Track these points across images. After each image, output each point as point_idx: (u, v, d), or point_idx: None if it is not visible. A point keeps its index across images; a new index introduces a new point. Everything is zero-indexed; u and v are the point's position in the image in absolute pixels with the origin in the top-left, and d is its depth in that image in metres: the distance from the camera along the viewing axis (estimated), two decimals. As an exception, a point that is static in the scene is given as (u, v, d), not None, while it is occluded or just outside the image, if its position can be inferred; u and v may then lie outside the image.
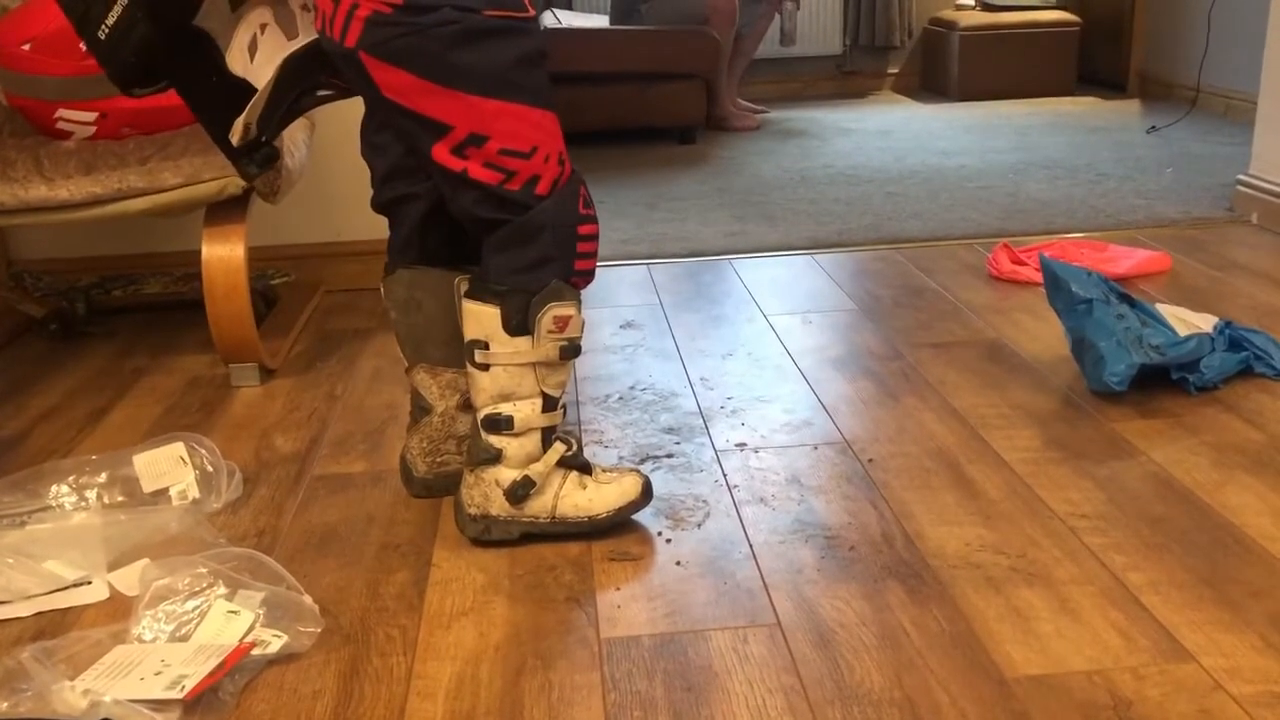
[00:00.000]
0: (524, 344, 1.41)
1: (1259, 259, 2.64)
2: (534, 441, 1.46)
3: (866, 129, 4.55)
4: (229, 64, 1.41)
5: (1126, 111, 4.66)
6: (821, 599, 1.35)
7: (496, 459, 1.46)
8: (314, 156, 2.39)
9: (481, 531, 1.49)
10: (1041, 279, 2.03)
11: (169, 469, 1.64)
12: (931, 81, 5.41)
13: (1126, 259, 2.58)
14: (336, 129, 2.41)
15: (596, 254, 1.44)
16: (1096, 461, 1.67)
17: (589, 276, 1.44)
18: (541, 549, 1.48)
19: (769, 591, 1.37)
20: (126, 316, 2.52)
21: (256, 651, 1.25)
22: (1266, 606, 1.29)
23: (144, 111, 2.02)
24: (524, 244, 1.38)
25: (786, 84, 5.44)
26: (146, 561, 1.43)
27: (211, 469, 1.66)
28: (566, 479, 1.48)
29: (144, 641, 1.28)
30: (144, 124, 2.05)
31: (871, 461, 1.71)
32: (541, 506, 1.47)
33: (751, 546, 1.48)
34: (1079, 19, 5.10)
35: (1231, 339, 1.95)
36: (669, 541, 1.50)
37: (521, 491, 1.46)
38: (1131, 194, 3.28)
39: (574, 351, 1.45)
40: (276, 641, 1.27)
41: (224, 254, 2.02)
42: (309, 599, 1.35)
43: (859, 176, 3.70)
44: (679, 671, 1.22)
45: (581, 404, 1.98)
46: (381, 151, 1.55)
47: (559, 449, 1.48)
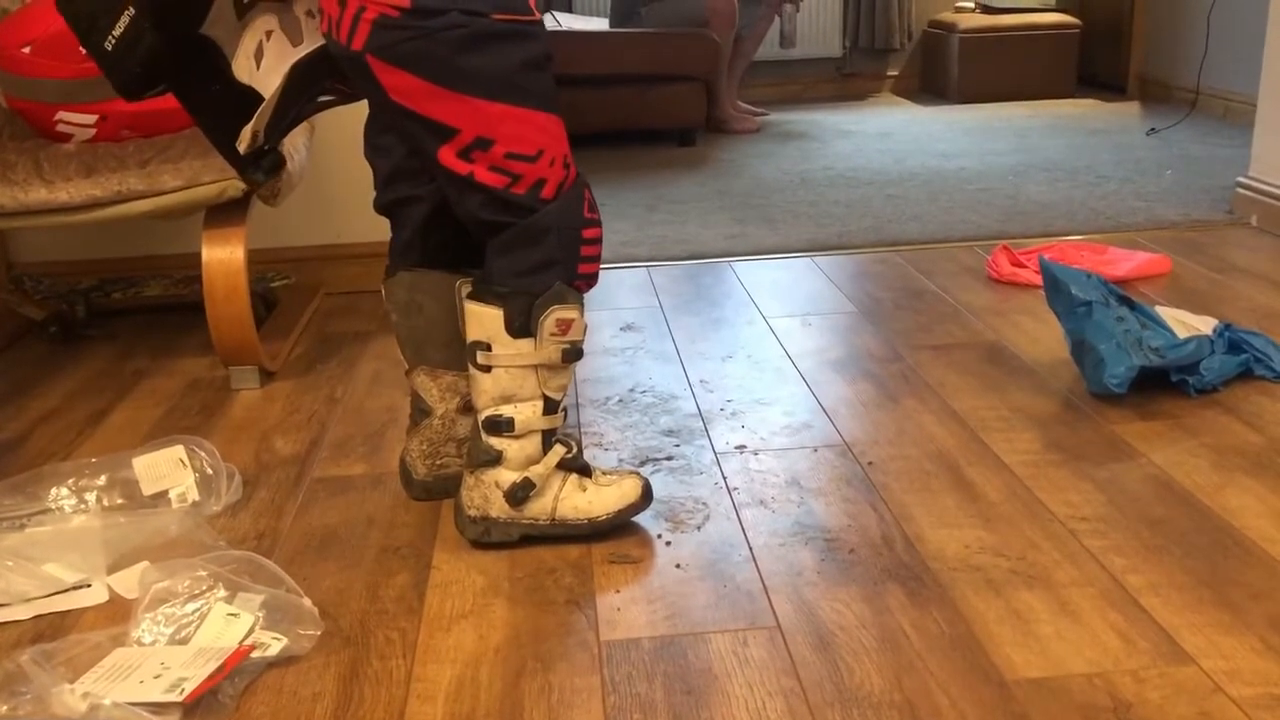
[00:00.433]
0: (526, 346, 1.41)
1: (1259, 261, 2.64)
2: (534, 444, 1.46)
3: (866, 131, 4.55)
4: (235, 71, 1.41)
5: (1126, 114, 4.66)
6: (821, 601, 1.35)
7: (497, 461, 1.46)
8: (313, 159, 2.39)
9: (481, 533, 1.49)
10: (1041, 281, 2.03)
11: (169, 472, 1.64)
12: (931, 84, 5.42)
13: (1126, 261, 2.58)
14: (336, 132, 2.41)
15: (600, 257, 1.44)
16: (1096, 464, 1.67)
17: (592, 280, 1.44)
18: (541, 551, 1.48)
19: (769, 594, 1.37)
20: (126, 319, 2.52)
21: (256, 654, 1.25)
22: (1266, 609, 1.29)
23: (144, 114, 2.02)
24: (528, 246, 1.38)
25: (786, 86, 5.45)
26: (146, 564, 1.43)
27: (211, 471, 1.66)
28: (566, 481, 1.48)
29: (143, 644, 1.28)
30: (144, 127, 2.05)
31: (871, 464, 1.71)
32: (541, 509, 1.47)
33: (751, 549, 1.48)
34: (1078, 21, 5.10)
35: (1231, 341, 1.95)
36: (669, 544, 1.50)
37: (521, 493, 1.46)
38: (1131, 196, 3.28)
39: (576, 354, 1.45)
40: (276, 644, 1.27)
41: (224, 257, 2.02)
42: (309, 602, 1.35)
43: (859, 179, 3.70)
44: (679, 674, 1.22)
45: (581, 406, 1.98)
46: (385, 153, 1.55)
47: (559, 451, 1.48)
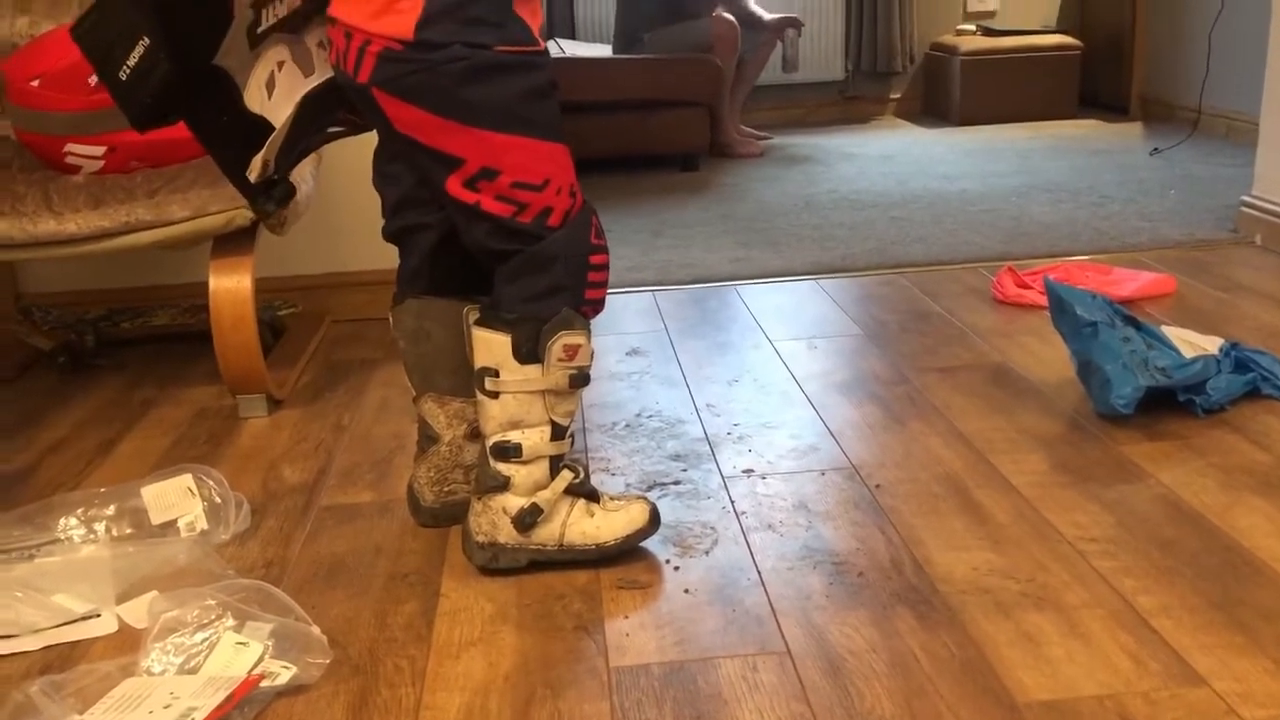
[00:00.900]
0: (534, 372, 1.42)
1: (1264, 280, 2.64)
2: (542, 469, 1.46)
3: (869, 154, 4.57)
4: (246, 101, 1.42)
5: (1129, 134, 4.67)
6: (831, 626, 1.34)
7: (504, 486, 1.46)
8: (320, 187, 2.40)
9: (489, 559, 1.49)
10: (1046, 302, 2.04)
11: (177, 501, 1.64)
12: (933, 106, 5.44)
13: (1131, 281, 2.59)
14: (342, 160, 2.42)
15: (607, 283, 1.46)
16: (1104, 484, 1.67)
17: (599, 305, 1.45)
18: (549, 577, 1.48)
19: (778, 619, 1.37)
20: (135, 348, 2.53)
21: (265, 683, 1.25)
22: (1278, 630, 1.29)
23: (152, 145, 2.03)
24: (536, 273, 1.39)
25: (789, 110, 5.47)
26: (155, 594, 1.43)
27: (219, 500, 1.66)
28: (574, 507, 1.48)
29: (153, 674, 1.27)
30: (152, 157, 2.06)
31: (879, 487, 1.71)
32: (549, 534, 1.47)
33: (760, 573, 1.47)
34: (1079, 42, 5.12)
35: (1238, 360, 1.95)
36: (677, 569, 1.50)
37: (529, 519, 1.46)
38: (1135, 216, 3.29)
39: (583, 380, 1.45)
40: (285, 673, 1.27)
41: (231, 286, 2.03)
42: (317, 630, 1.35)
43: (863, 201, 3.71)
44: (688, 700, 1.22)
45: (588, 431, 1.98)
46: (394, 181, 1.57)
47: (566, 477, 1.48)
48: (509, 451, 1.44)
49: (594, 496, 1.51)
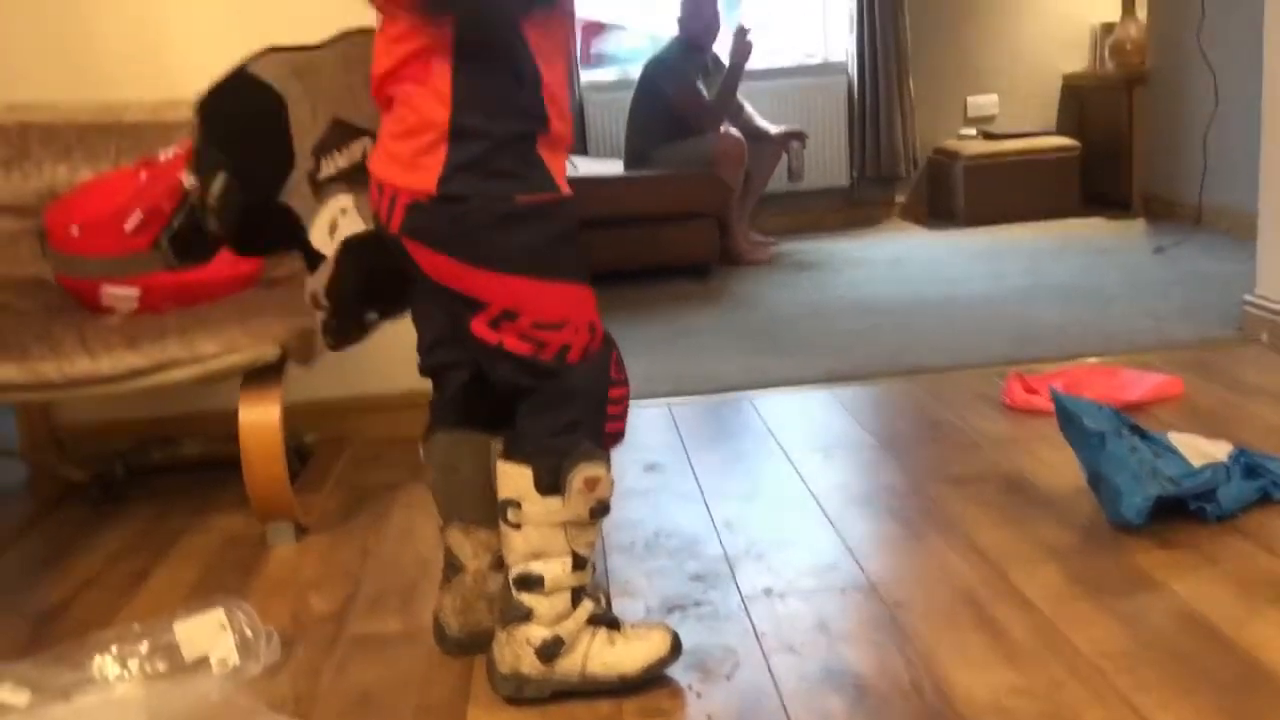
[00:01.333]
0: (555, 504, 1.46)
1: (1271, 380, 2.67)
2: (564, 600, 1.49)
3: (877, 258, 4.66)
4: (311, 238, 1.56)
5: (1132, 231, 4.76)
6: (853, 751, 1.36)
7: (528, 617, 1.50)
8: (344, 317, 2.47)
9: (514, 690, 1.51)
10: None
11: (209, 636, 1.67)
12: (938, 209, 5.55)
13: (1139, 385, 2.62)
14: None
15: (626, 415, 1.51)
16: (1119, 596, 1.69)
17: (619, 437, 1.50)
18: (574, 707, 1.50)
19: (801, 744, 1.38)
20: (165, 477, 2.59)
21: (298, 823, 1.27)
22: (1297, 746, 1.30)
23: (184, 286, 2.12)
24: (556, 408, 1.45)
25: (797, 216, 5.59)
26: (189, 732, 1.46)
27: (250, 634, 1.69)
28: (595, 637, 1.51)
29: (188, 816, 1.30)
30: (185, 297, 2.15)
31: (898, 605, 1.73)
32: (572, 665, 1.50)
33: (781, 697, 1.49)
34: (1079, 144, 5.25)
35: (1247, 466, 1.98)
36: (699, 695, 1.52)
37: (552, 650, 1.49)
38: (1141, 316, 3.34)
39: (603, 511, 1.50)
40: (318, 812, 1.29)
41: (260, 419, 2.09)
42: (348, 767, 1.37)
43: (872, 307, 3.78)
44: (715, 832, 1.23)
45: (608, 552, 2.01)
46: (428, 321, 1.64)
47: (588, 607, 1.51)
48: (532, 583, 1.48)
49: (615, 625, 1.54)
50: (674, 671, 1.56)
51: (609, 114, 5.32)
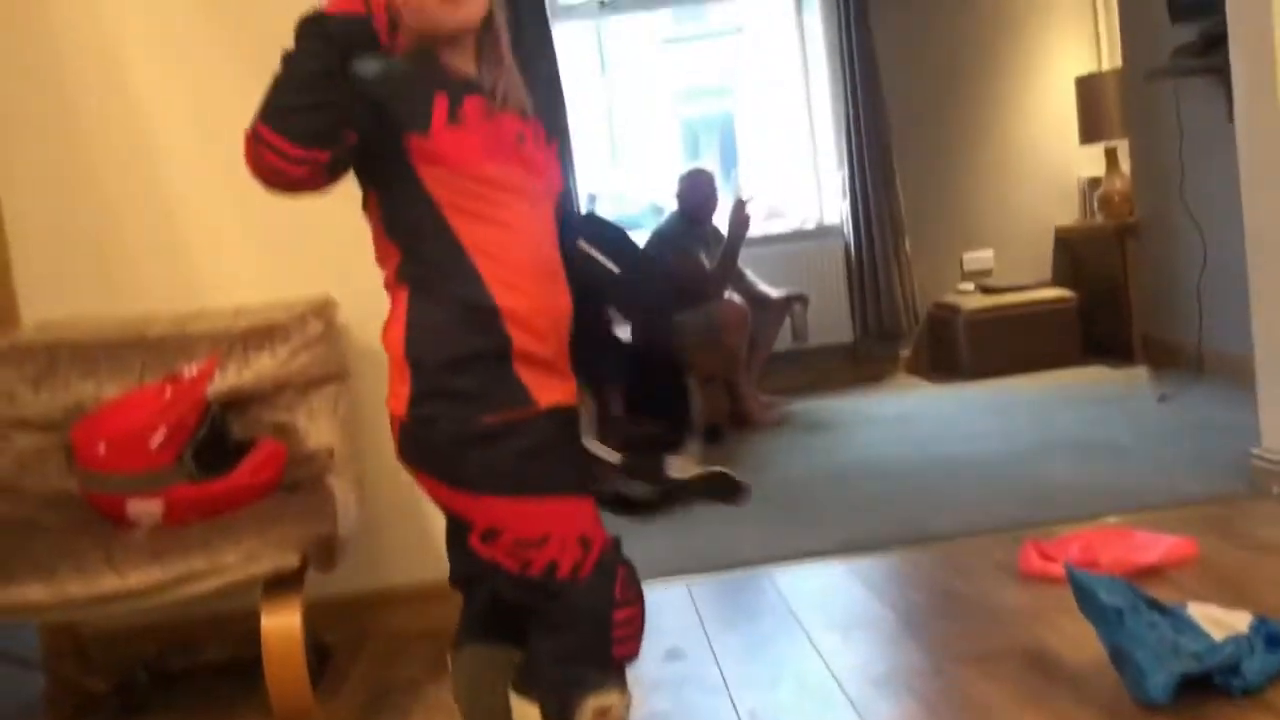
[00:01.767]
0: None
1: (1285, 535, 2.68)
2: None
3: (886, 416, 4.71)
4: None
5: (1135, 379, 4.81)
6: None
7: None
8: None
9: None
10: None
11: None
12: (942, 362, 5.63)
13: (1154, 547, 2.62)
14: (380, 477, 2.52)
15: (639, 634, 1.50)
16: (1152, 783, 1.67)
17: (631, 657, 1.50)
18: None
19: None
20: (187, 681, 2.59)
21: None
22: None
23: (207, 497, 2.17)
24: (560, 632, 1.46)
25: (804, 374, 5.66)
26: None
27: None
28: None
29: None
30: (208, 508, 2.19)
31: (926, 799, 1.71)
32: None
33: None
34: (1075, 294, 5.35)
35: (1269, 636, 1.97)
36: None
37: None
38: (1151, 471, 3.36)
39: (620, 731, 1.49)
40: None
41: (282, 625, 2.10)
42: None
43: (885, 469, 3.81)
44: None
45: (633, 751, 1.99)
46: (454, 533, 1.64)
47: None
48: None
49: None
50: None
51: (615, 285, 5.45)
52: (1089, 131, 5.36)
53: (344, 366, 2.52)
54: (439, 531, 1.67)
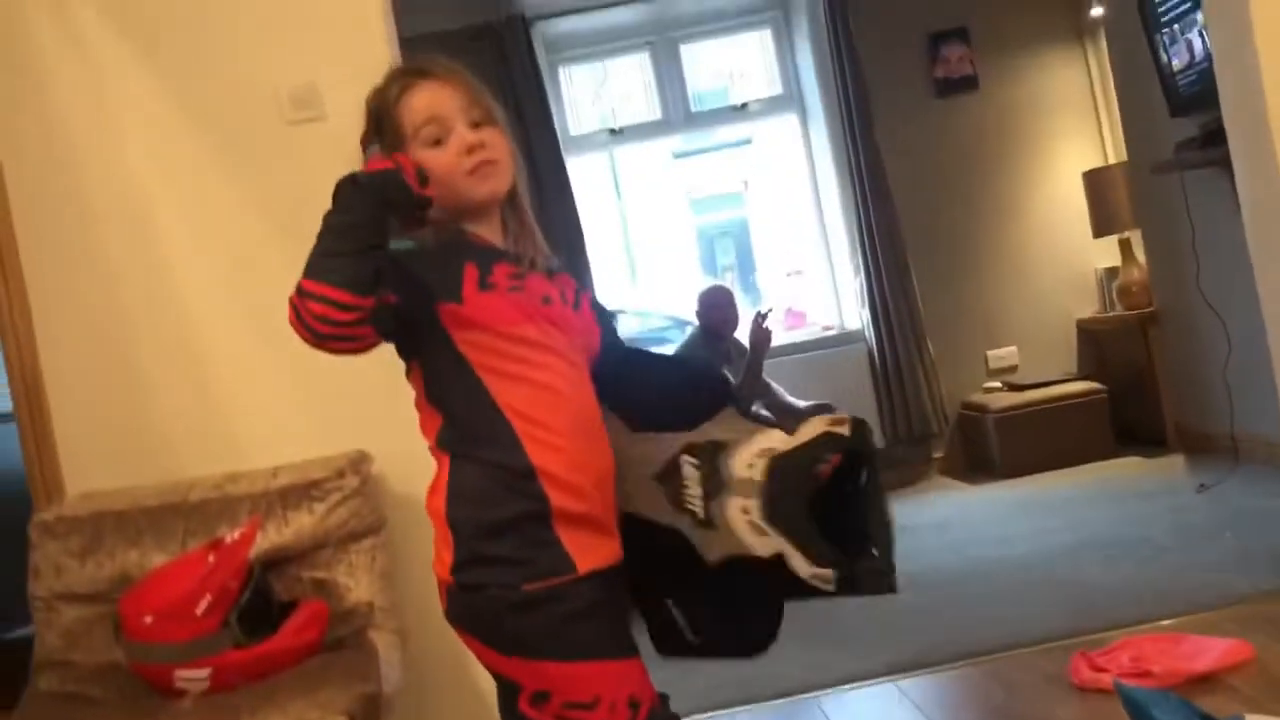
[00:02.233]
0: None
1: (1340, 632, 2.63)
2: None
3: (923, 524, 4.67)
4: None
5: (1171, 469, 4.77)
6: None
7: None
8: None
9: None
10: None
11: None
12: (975, 461, 5.60)
13: (1207, 653, 2.58)
14: (425, 629, 2.51)
15: None
16: None
17: None
18: None
19: None
20: None
21: None
22: None
23: (253, 660, 2.18)
24: None
25: (837, 482, 5.63)
26: None
27: None
28: None
29: None
30: (254, 672, 2.20)
31: None
32: None
33: None
34: (1103, 385, 5.35)
35: (1331, 746, 1.93)
36: None
37: None
38: (1196, 569, 3.31)
39: None
40: None
41: (330, 790, 2.10)
42: None
43: (926, 581, 3.76)
44: None
45: None
46: (504, 698, 1.66)
47: None
48: None
49: None
50: None
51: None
52: (1101, 224, 5.42)
53: (381, 518, 2.55)
54: (489, 686, 1.67)
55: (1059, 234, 5.79)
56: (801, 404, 5.11)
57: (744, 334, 4.98)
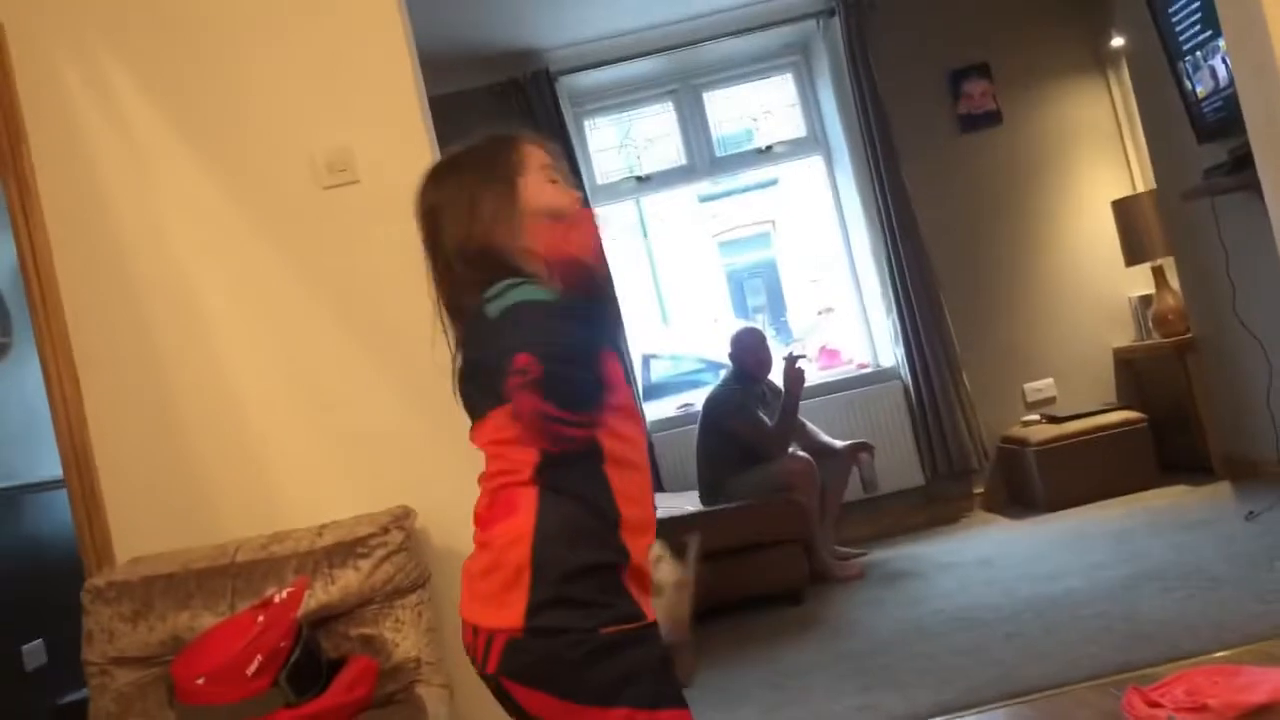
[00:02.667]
0: None
1: (1401, 659, 2.58)
2: None
3: (966, 560, 4.63)
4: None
5: (1219, 497, 4.70)
6: None
7: None
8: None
9: None
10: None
11: None
12: (1018, 495, 5.55)
13: (1264, 683, 2.54)
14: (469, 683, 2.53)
15: None
16: None
17: None
18: None
19: None
20: None
21: None
22: None
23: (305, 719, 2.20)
24: None
25: (878, 521, 5.61)
26: None
27: None
28: None
29: None
30: (304, 731, 2.22)
31: None
32: None
33: None
34: (1144, 415, 5.29)
35: (1398, 777, 1.89)
36: None
37: None
38: (1250, 598, 3.26)
39: None
40: None
41: None
42: None
43: (972, 619, 3.73)
44: None
45: None
46: None
47: None
48: None
49: None
50: None
51: (676, 448, 5.50)
52: (1133, 253, 5.39)
53: (425, 573, 2.57)
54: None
55: (1090, 264, 5.77)
56: (839, 443, 5.10)
57: (778, 375, 5.00)
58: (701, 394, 5.27)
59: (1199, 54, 4.38)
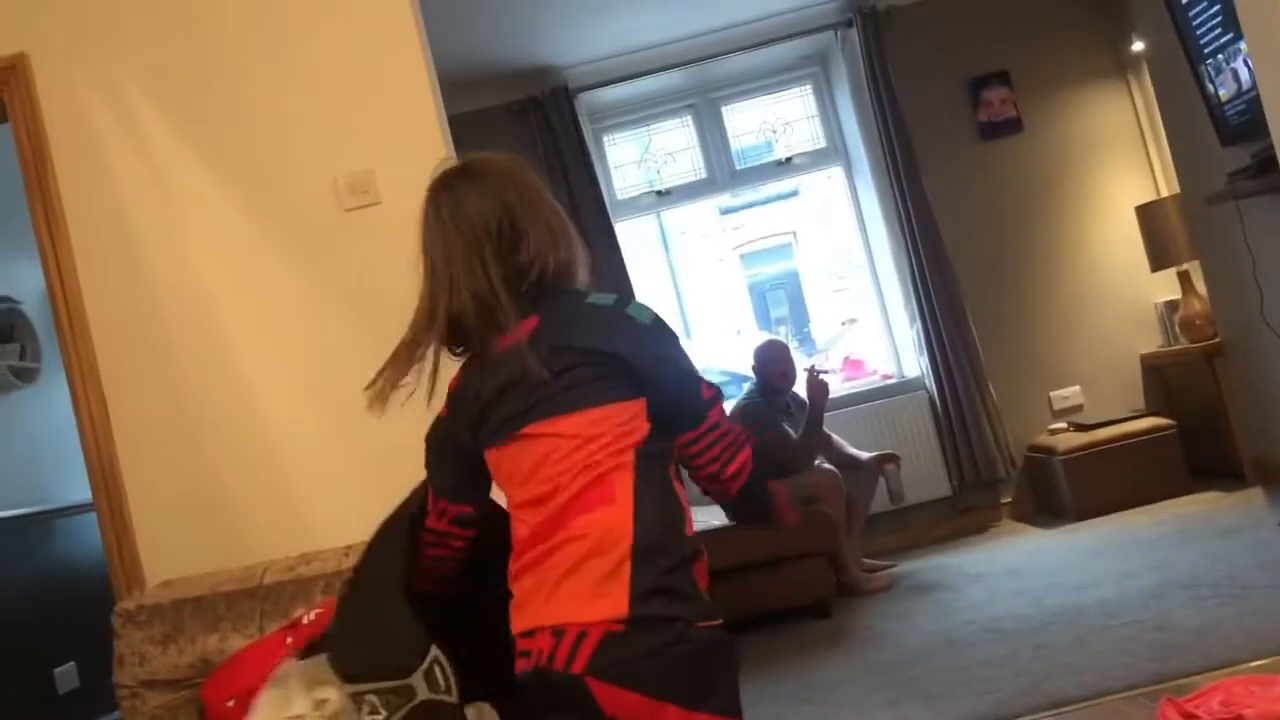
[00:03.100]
0: None
1: None
2: None
3: (995, 570, 4.59)
4: None
5: (1251, 503, 4.64)
6: None
7: None
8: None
9: None
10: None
11: None
12: (1046, 504, 5.51)
13: (1300, 693, 2.51)
14: None
15: None
16: None
17: None
18: None
19: None
20: None
21: None
22: None
23: (333, 742, 2.20)
24: None
25: (906, 532, 5.58)
26: None
27: None
28: None
29: None
30: (334, 753, 2.22)
31: None
32: None
33: None
34: (1173, 421, 5.24)
35: None
36: None
37: None
38: (1284, 606, 3.23)
39: None
40: None
41: None
42: None
43: (1002, 629, 3.70)
44: None
45: None
46: None
47: None
48: None
49: None
50: None
51: (703, 463, 5.48)
52: (1158, 258, 5.35)
53: (452, 592, 2.57)
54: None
55: (1115, 269, 5.73)
56: (865, 455, 5.08)
57: (802, 387, 4.98)
58: (726, 407, 5.25)
59: (1220, 57, 4.34)
